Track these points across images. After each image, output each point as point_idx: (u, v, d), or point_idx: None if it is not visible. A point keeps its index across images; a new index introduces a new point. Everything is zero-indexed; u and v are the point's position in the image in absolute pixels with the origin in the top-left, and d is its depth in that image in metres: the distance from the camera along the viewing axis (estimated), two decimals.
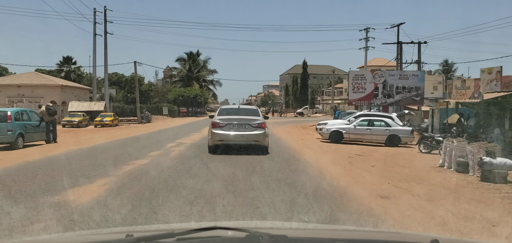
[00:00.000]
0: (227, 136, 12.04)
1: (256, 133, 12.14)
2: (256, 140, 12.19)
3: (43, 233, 4.59)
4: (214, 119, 12.46)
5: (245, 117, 12.55)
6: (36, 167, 9.99)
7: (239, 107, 14.42)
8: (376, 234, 2.55)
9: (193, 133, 23.83)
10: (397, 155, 14.65)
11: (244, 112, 13.32)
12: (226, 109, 14.53)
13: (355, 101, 32.14)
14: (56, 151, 14.16)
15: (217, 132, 12.09)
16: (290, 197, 6.66)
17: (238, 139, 12.14)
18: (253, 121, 12.30)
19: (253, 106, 18.92)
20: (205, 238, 1.67)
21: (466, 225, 5.37)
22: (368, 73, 32.21)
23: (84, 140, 19.37)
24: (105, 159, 11.79)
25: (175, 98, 58.24)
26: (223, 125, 12.12)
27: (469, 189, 8.15)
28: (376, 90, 31.45)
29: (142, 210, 5.72)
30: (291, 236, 1.74)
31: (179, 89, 60.18)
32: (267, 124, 12.91)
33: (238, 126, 12.15)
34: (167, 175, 8.63)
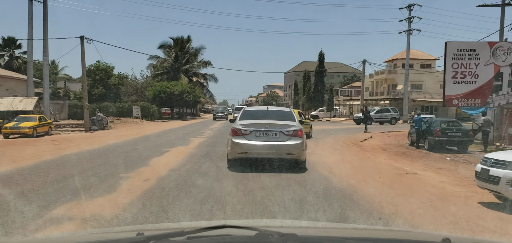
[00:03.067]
0: (252, 147, 9.14)
1: (291, 144, 9.17)
2: (291, 152, 9.23)
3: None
4: (235, 125, 9.55)
5: (276, 122, 9.56)
6: None
7: (268, 108, 10.89)
8: (387, 233, 2.53)
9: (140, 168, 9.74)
10: None
11: (275, 116, 10.20)
12: (251, 111, 11.07)
13: (458, 98, 17.50)
14: None
15: (239, 142, 9.21)
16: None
17: (266, 152, 9.21)
18: (287, 128, 9.32)
19: (286, 108, 13.47)
20: (215, 237, 1.65)
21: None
22: (483, 46, 17.46)
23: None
24: None
25: (154, 96, 43.65)
26: (247, 132, 9.23)
27: None
28: (498, 78, 16.99)
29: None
30: (301, 234, 1.75)
31: (160, 84, 45.54)
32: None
33: (267, 134, 9.20)
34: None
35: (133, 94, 48.40)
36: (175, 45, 50.89)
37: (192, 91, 46.58)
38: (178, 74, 50.09)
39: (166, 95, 43.60)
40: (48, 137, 21.93)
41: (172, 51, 51.03)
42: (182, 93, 44.06)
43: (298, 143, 9.26)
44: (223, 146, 13.22)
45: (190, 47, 52.89)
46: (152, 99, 44.41)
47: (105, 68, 42.34)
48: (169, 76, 50.60)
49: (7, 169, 9.76)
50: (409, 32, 43.12)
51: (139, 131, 25.76)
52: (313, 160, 11.44)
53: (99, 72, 42.44)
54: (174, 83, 45.02)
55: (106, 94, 42.36)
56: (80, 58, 27.68)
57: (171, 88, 43.78)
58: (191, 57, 52.75)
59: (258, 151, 9.24)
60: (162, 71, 51.75)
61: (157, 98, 44.05)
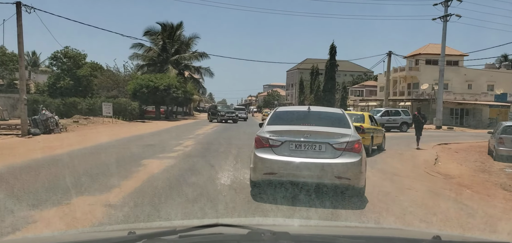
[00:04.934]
0: (284, 166, 6.22)
1: (343, 163, 6.20)
2: (343, 175, 6.21)
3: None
4: (261, 133, 6.61)
5: (320, 129, 6.56)
6: None
7: (309, 109, 7.48)
8: (378, 230, 2.52)
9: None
10: None
11: (319, 119, 7.09)
12: (284, 113, 7.77)
13: None
14: None
15: (266, 157, 6.30)
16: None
17: (306, 173, 6.22)
18: (338, 138, 6.37)
19: (336, 109, 8.82)
20: (207, 235, 1.65)
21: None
22: None
23: None
24: None
25: (135, 91, 35.85)
26: (278, 143, 6.33)
27: None
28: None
29: None
30: (293, 233, 1.72)
31: (142, 77, 37.74)
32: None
33: (307, 146, 6.31)
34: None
35: (114, 88, 40.61)
36: (163, 32, 43.04)
37: (181, 86, 38.75)
38: (166, 65, 42.23)
39: (149, 90, 35.79)
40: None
41: (159, 38, 43.17)
42: (169, 88, 36.24)
43: (354, 161, 6.24)
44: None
45: (182, 35, 45.07)
46: (133, 94, 36.64)
47: (74, 56, 34.53)
48: (156, 68, 42.78)
49: None
50: (445, 18, 35.36)
51: (96, 137, 17.99)
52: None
53: (67, 60, 34.67)
54: (159, 76, 37.21)
55: (75, 87, 34.59)
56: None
57: (155, 82, 35.97)
58: (182, 47, 44.91)
59: (293, 172, 6.21)
60: (148, 62, 43.88)
61: (138, 94, 36.26)
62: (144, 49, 42.82)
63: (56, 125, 21.20)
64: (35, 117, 20.31)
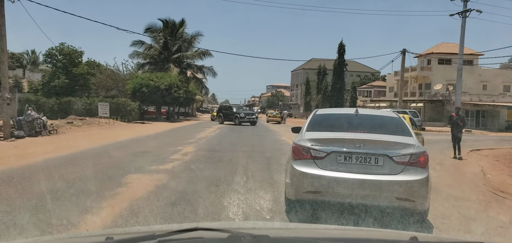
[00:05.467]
0: (334, 183, 4.86)
1: (407, 180, 4.88)
2: (407, 196, 4.88)
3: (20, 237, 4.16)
4: (299, 141, 5.23)
5: (377, 137, 5.15)
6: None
7: (357, 112, 5.90)
8: (357, 232, 2.56)
9: None
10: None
11: (370, 125, 5.67)
12: (326, 116, 6.29)
13: None
14: None
15: (310, 171, 4.95)
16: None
17: (359, 193, 4.82)
18: (399, 148, 5.04)
19: (389, 112, 7.05)
20: (186, 240, 1.63)
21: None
22: None
23: None
24: None
25: (135, 90, 33.87)
26: (322, 154, 4.99)
27: None
28: None
29: None
30: (274, 236, 1.73)
31: (142, 76, 35.77)
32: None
33: (361, 159, 4.95)
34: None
35: (113, 88, 38.65)
36: (164, 28, 41.02)
37: (183, 86, 36.73)
38: (167, 63, 40.21)
39: (150, 90, 33.79)
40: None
41: (160, 36, 41.16)
42: (170, 88, 34.22)
43: (420, 179, 4.94)
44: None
45: (184, 32, 43.03)
46: (132, 94, 34.67)
47: (69, 53, 32.56)
48: (157, 67, 40.79)
49: None
50: (464, 13, 33.08)
51: (70, 144, 15.99)
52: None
53: (62, 58, 32.71)
54: (160, 75, 35.21)
55: (71, 86, 32.62)
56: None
57: (155, 81, 33.96)
58: (185, 44, 42.89)
59: (343, 192, 4.84)
60: (149, 60, 41.87)
61: (138, 93, 34.28)
62: (145, 47, 40.85)
63: (44, 126, 19.22)
64: (20, 118, 18.35)
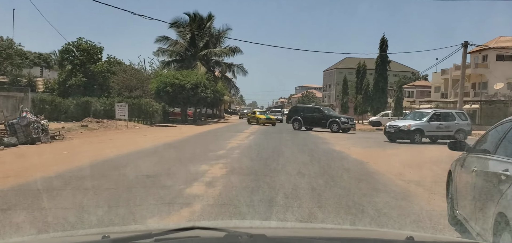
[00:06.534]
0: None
1: None
2: None
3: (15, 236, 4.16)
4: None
5: None
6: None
7: None
8: (354, 231, 2.53)
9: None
10: None
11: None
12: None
13: None
14: None
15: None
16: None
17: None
18: None
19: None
20: (183, 239, 1.61)
21: None
22: None
23: None
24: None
25: (159, 90, 30.61)
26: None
27: None
28: None
29: None
30: (270, 235, 1.73)
31: (166, 74, 32.52)
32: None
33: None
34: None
35: (138, 88, 35.65)
36: (191, 23, 37.69)
37: (210, 85, 33.20)
38: (194, 61, 36.83)
39: (174, 89, 30.42)
40: None
41: (187, 31, 37.85)
42: (196, 87, 30.75)
43: None
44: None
45: (212, 27, 39.56)
46: (156, 94, 31.46)
47: (88, 48, 29.65)
48: (184, 65, 37.47)
49: None
50: None
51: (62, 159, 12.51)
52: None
53: (80, 54, 29.86)
54: (185, 73, 31.82)
55: (89, 85, 29.70)
56: None
57: (180, 80, 30.57)
58: (212, 40, 39.41)
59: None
60: (174, 58, 38.63)
61: (162, 93, 31.00)
62: (170, 43, 37.63)
63: (44, 131, 15.96)
64: (13, 121, 15.12)
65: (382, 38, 46.64)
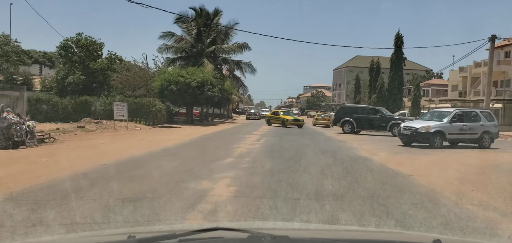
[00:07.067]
0: None
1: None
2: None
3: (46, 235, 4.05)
4: None
5: None
6: None
7: None
8: (378, 234, 2.45)
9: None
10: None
11: None
12: None
13: None
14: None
15: None
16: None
17: None
18: None
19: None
20: (207, 239, 1.63)
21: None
22: None
23: None
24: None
25: (162, 88, 28.77)
26: None
27: None
28: None
29: None
30: (293, 236, 1.71)
31: (170, 72, 30.67)
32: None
33: None
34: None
35: (142, 86, 33.88)
36: (197, 18, 35.76)
37: (218, 83, 31.28)
38: (201, 58, 34.90)
39: (179, 88, 28.54)
40: None
41: (192, 26, 35.93)
42: (203, 85, 28.83)
43: None
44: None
45: (219, 23, 37.59)
46: (159, 93, 29.61)
47: (87, 44, 27.88)
48: (190, 62, 35.57)
49: None
50: None
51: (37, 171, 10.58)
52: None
53: (79, 51, 28.09)
54: (191, 70, 29.92)
55: (88, 82, 27.95)
56: None
57: (185, 77, 28.69)
58: (220, 36, 37.45)
59: None
60: (179, 54, 36.74)
61: (166, 92, 29.15)
62: (175, 39, 35.75)
63: (29, 134, 14.12)
64: None
65: (397, 34, 44.43)
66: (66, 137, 18.26)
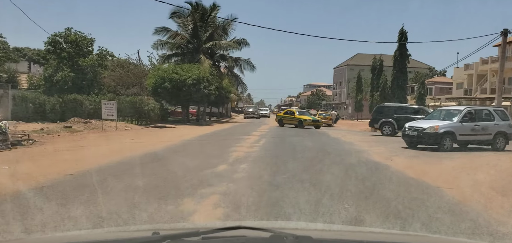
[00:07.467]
0: None
1: None
2: None
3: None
4: None
5: None
6: None
7: None
8: (404, 237, 2.37)
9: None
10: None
11: None
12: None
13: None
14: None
15: None
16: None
17: None
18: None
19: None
20: (229, 238, 1.62)
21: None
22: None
23: None
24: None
25: (156, 86, 27.28)
26: None
27: None
28: None
29: None
30: (316, 237, 1.70)
31: (164, 68, 29.18)
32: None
33: None
34: None
35: (136, 84, 32.37)
36: (193, 13, 34.16)
37: (215, 81, 29.77)
38: (197, 55, 33.34)
39: (174, 85, 27.03)
40: None
41: (189, 21, 34.35)
42: (198, 83, 27.32)
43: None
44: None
45: (217, 18, 36.04)
46: (153, 91, 28.11)
47: (75, 39, 26.33)
48: (186, 59, 34.01)
49: None
50: None
51: None
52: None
53: (68, 46, 26.55)
54: (186, 67, 28.40)
55: (78, 80, 26.45)
56: None
57: (180, 74, 27.18)
58: (217, 32, 35.87)
59: None
60: (175, 51, 35.17)
61: (159, 90, 27.64)
62: (170, 35, 34.17)
63: (1, 135, 12.60)
64: None
65: (401, 29, 42.76)
66: (48, 138, 16.76)
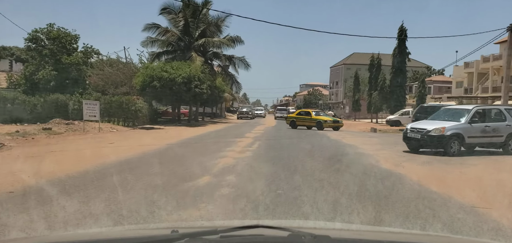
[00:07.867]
0: None
1: None
2: None
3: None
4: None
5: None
6: None
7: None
8: (424, 237, 2.36)
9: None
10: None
11: None
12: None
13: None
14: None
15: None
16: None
17: None
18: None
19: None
20: (247, 236, 1.62)
21: None
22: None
23: None
24: None
25: (144, 85, 25.81)
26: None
27: None
28: None
29: None
30: (334, 236, 1.70)
31: (152, 67, 27.71)
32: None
33: None
34: None
35: (124, 83, 30.84)
36: (184, 8, 32.66)
37: (207, 79, 28.32)
38: (189, 52, 31.84)
39: (163, 84, 25.56)
40: None
41: (179, 17, 32.83)
42: (189, 81, 25.86)
43: None
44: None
45: (208, 14, 34.57)
46: (141, 89, 26.63)
47: (58, 36, 24.78)
48: (177, 56, 32.51)
49: None
50: None
51: None
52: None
53: (50, 43, 25.00)
54: (176, 65, 26.95)
55: (61, 79, 24.90)
56: None
57: (170, 73, 25.71)
58: (210, 28, 34.38)
59: None
60: (165, 48, 33.66)
61: (148, 89, 26.17)
62: (160, 32, 32.64)
63: None
64: None
65: (401, 26, 41.34)
66: (21, 141, 15.29)
